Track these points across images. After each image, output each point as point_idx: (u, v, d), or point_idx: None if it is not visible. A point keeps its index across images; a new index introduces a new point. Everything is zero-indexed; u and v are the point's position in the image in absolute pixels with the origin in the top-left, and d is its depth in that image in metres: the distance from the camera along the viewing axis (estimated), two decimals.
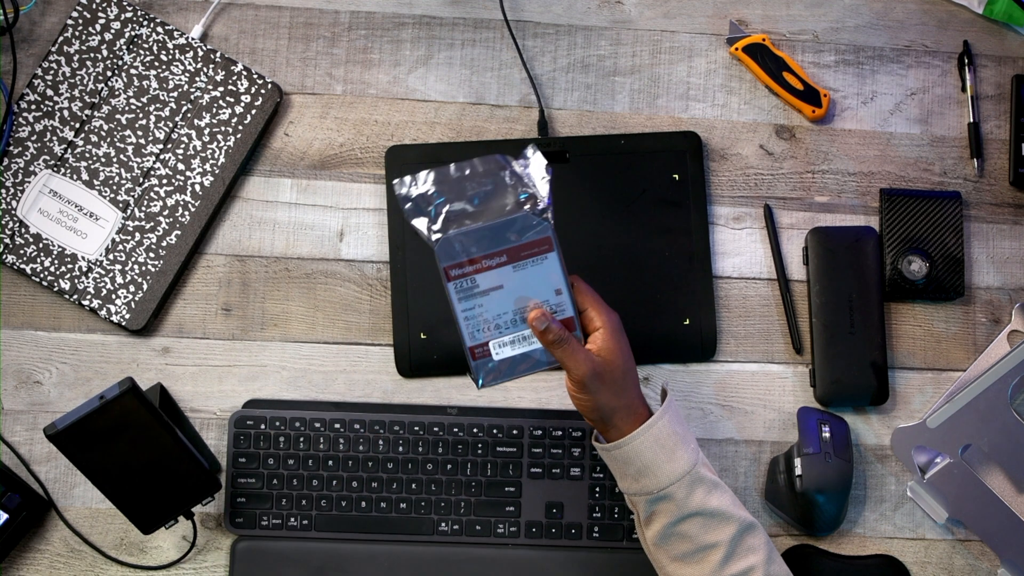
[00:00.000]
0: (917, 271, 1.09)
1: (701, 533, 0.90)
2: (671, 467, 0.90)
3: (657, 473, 0.90)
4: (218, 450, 1.06)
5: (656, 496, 0.90)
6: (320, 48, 1.13)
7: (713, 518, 0.90)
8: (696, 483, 0.90)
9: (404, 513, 1.05)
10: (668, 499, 0.90)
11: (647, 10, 1.15)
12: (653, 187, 1.10)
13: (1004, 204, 1.14)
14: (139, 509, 0.97)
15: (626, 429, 0.91)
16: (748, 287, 1.11)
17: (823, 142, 1.13)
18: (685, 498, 0.90)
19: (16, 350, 1.08)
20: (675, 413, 0.93)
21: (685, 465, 0.90)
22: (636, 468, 0.91)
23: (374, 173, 1.11)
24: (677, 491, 0.90)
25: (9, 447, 1.06)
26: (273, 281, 1.09)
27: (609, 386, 0.90)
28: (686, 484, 0.90)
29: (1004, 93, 1.15)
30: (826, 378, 1.08)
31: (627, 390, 0.91)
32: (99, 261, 1.07)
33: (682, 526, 0.90)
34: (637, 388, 0.93)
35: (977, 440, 1.02)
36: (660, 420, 0.91)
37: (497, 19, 1.14)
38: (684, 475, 0.90)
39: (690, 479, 0.90)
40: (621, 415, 0.91)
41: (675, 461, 0.90)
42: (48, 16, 1.12)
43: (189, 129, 1.09)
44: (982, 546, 1.07)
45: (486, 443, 1.06)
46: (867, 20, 1.16)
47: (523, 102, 1.13)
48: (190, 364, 1.08)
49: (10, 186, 1.08)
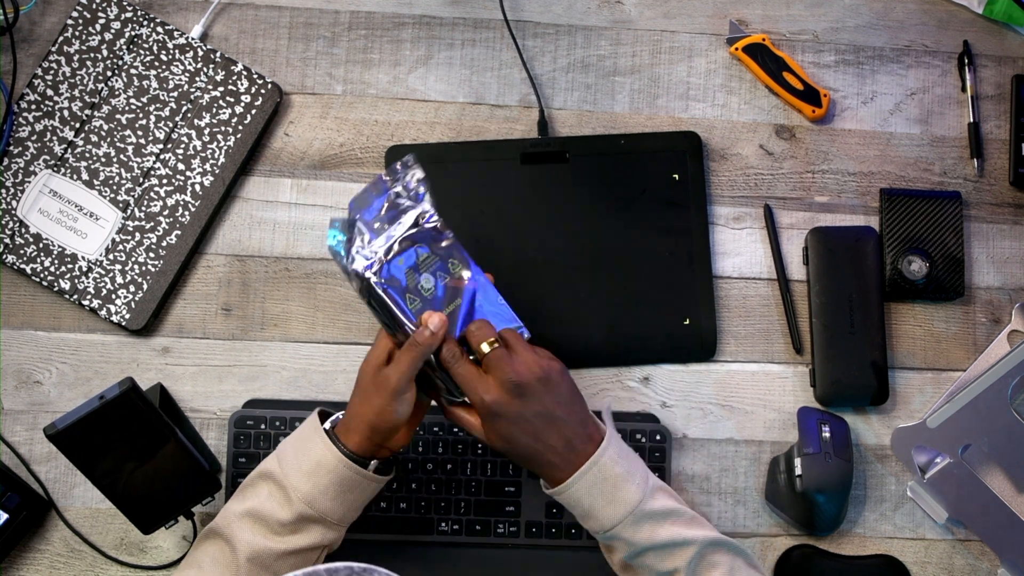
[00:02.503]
0: (917, 271, 1.09)
1: (658, 562, 0.89)
2: (611, 510, 0.89)
3: (599, 516, 0.89)
4: (218, 450, 1.06)
5: (604, 534, 0.90)
6: (320, 48, 1.13)
7: (666, 548, 0.89)
8: (641, 520, 0.89)
9: (404, 513, 1.05)
10: (616, 538, 0.90)
11: (647, 10, 1.15)
12: (653, 187, 1.10)
13: (1004, 204, 1.14)
14: (139, 509, 0.97)
15: (561, 477, 0.89)
16: (748, 287, 1.11)
17: (823, 142, 1.14)
18: (632, 536, 0.89)
19: (16, 350, 1.08)
20: (614, 453, 0.90)
21: (627, 506, 0.89)
22: (580, 511, 0.90)
23: (374, 173, 1.11)
24: (623, 531, 0.89)
25: (9, 447, 1.06)
26: (273, 281, 1.09)
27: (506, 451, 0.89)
28: (630, 523, 0.89)
29: (1004, 93, 1.15)
30: (826, 378, 1.08)
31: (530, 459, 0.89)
32: (99, 261, 1.07)
33: (638, 559, 0.90)
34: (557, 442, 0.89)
35: (977, 440, 1.02)
36: (594, 467, 0.89)
37: (497, 19, 1.14)
38: (627, 515, 0.88)
39: (633, 518, 0.89)
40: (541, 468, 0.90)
41: (615, 503, 0.89)
42: (48, 16, 1.12)
43: (189, 129, 1.09)
44: (982, 546, 1.07)
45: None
46: (867, 20, 1.16)
47: (523, 102, 1.13)
48: (190, 364, 1.08)
49: (10, 186, 1.08)
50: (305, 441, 0.90)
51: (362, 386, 0.90)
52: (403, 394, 0.88)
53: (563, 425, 0.89)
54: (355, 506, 0.91)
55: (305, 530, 0.89)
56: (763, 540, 1.07)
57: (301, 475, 0.89)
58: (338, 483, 0.89)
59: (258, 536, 0.88)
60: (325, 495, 0.89)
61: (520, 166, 1.10)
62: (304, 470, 0.89)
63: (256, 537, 0.88)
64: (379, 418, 0.88)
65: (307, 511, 0.88)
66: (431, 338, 0.88)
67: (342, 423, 0.91)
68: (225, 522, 0.90)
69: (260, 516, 0.89)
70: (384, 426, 0.89)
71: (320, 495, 0.88)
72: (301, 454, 0.90)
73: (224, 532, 0.90)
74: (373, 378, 0.89)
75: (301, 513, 0.88)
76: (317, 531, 0.89)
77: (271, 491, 0.90)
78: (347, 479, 0.89)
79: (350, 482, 0.89)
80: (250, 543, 0.88)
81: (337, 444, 0.89)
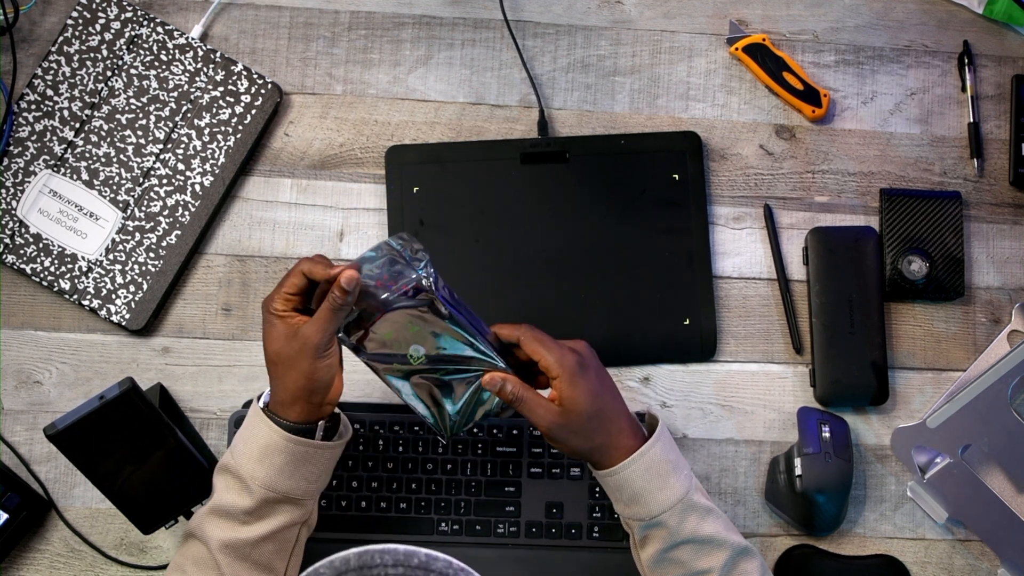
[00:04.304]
0: (917, 271, 1.09)
1: (693, 559, 0.90)
2: (663, 495, 0.90)
3: (648, 501, 0.90)
4: (218, 450, 1.06)
5: (648, 523, 0.90)
6: (320, 48, 1.13)
7: (705, 545, 0.90)
8: (688, 510, 0.90)
9: (404, 513, 1.05)
10: (660, 526, 0.90)
11: (647, 10, 1.15)
12: (653, 187, 1.10)
13: (1004, 204, 1.14)
14: (139, 509, 0.97)
15: (616, 457, 0.90)
16: (748, 287, 1.11)
17: (823, 142, 1.14)
18: (677, 525, 0.90)
19: (16, 350, 1.08)
20: (667, 440, 0.92)
21: (678, 492, 0.90)
22: (628, 495, 0.90)
23: (374, 173, 1.11)
24: (669, 519, 0.90)
25: (9, 447, 1.06)
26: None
27: (578, 432, 0.90)
28: (678, 511, 0.90)
29: (1004, 93, 1.15)
30: (826, 378, 1.08)
31: (599, 431, 0.90)
32: (99, 261, 1.07)
33: (675, 552, 0.90)
34: (619, 420, 0.91)
35: (977, 440, 1.02)
36: (652, 448, 0.90)
37: (497, 19, 1.14)
38: (676, 503, 0.90)
39: (682, 506, 0.90)
40: (602, 452, 0.90)
41: (667, 489, 0.90)
42: (48, 16, 1.12)
43: (189, 129, 1.09)
44: (982, 546, 1.07)
45: (486, 443, 1.06)
46: (867, 20, 1.16)
47: (523, 102, 1.13)
48: (190, 364, 1.08)
49: (10, 186, 1.08)
50: (250, 428, 0.90)
51: (281, 358, 0.89)
52: (328, 348, 0.88)
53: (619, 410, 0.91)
54: (316, 477, 0.91)
55: (273, 513, 0.89)
56: (763, 540, 1.07)
57: (253, 462, 0.88)
58: (291, 460, 0.88)
59: (227, 530, 0.88)
60: (282, 475, 0.88)
61: (520, 166, 1.10)
62: (254, 456, 0.88)
63: (225, 532, 0.88)
64: (310, 380, 0.88)
65: (269, 495, 0.88)
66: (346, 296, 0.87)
67: (275, 400, 0.90)
68: (197, 522, 0.91)
69: (223, 510, 0.89)
70: (320, 386, 0.89)
71: (277, 476, 0.88)
72: (249, 441, 0.89)
73: (196, 532, 0.90)
74: (289, 343, 0.88)
75: (263, 498, 0.88)
76: (285, 510, 0.89)
77: (228, 483, 0.90)
78: (299, 454, 0.89)
79: (303, 455, 0.89)
80: (220, 538, 0.88)
81: (277, 421, 0.89)
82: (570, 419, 0.89)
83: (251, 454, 0.89)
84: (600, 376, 0.92)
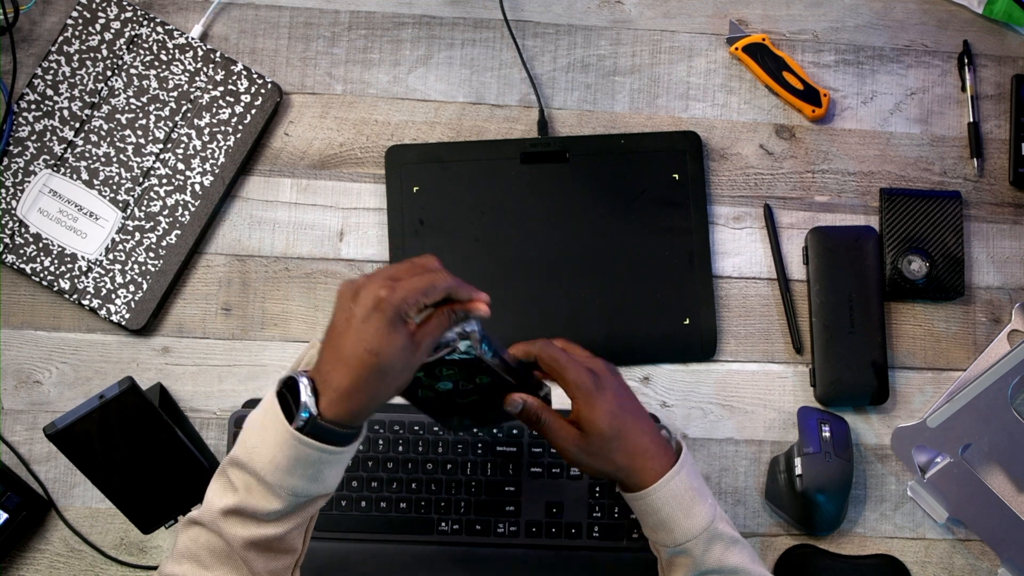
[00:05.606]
0: (917, 271, 1.09)
1: None
2: (688, 523, 0.88)
3: (674, 528, 0.89)
4: (218, 450, 1.06)
5: (673, 549, 0.89)
6: (320, 48, 1.13)
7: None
8: (714, 540, 0.89)
9: (404, 513, 1.05)
10: (686, 554, 0.89)
11: (647, 10, 1.15)
12: (653, 187, 1.10)
13: (1004, 204, 1.14)
14: (139, 509, 0.98)
15: (643, 480, 0.89)
16: (748, 287, 1.11)
17: (823, 142, 1.14)
18: (702, 554, 0.88)
19: (16, 350, 1.08)
20: (691, 468, 0.91)
21: (703, 522, 0.89)
22: (654, 521, 0.89)
23: (374, 173, 1.11)
24: (694, 547, 0.88)
25: (9, 447, 1.06)
26: (273, 281, 1.09)
27: (598, 455, 0.89)
28: (703, 541, 0.88)
29: (1004, 93, 1.15)
30: (826, 378, 1.08)
31: (620, 452, 0.89)
32: (99, 261, 1.07)
33: None
34: (642, 441, 0.89)
35: (977, 440, 1.02)
36: (677, 476, 0.89)
37: (497, 19, 1.14)
38: (702, 532, 0.88)
39: (707, 536, 0.88)
40: (627, 474, 0.89)
41: (692, 518, 0.89)
42: (48, 16, 1.12)
43: (189, 129, 1.09)
44: (982, 546, 1.07)
45: (486, 443, 1.05)
46: (867, 20, 1.16)
47: (523, 102, 1.13)
48: (190, 364, 1.08)
49: (10, 186, 1.08)
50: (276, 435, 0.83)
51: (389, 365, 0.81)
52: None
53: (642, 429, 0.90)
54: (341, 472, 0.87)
55: (302, 509, 0.85)
56: (763, 540, 1.07)
57: (282, 473, 0.82)
58: (321, 468, 0.83)
59: (252, 529, 0.83)
60: (314, 481, 0.83)
61: (520, 166, 1.10)
62: (284, 467, 0.82)
63: (250, 531, 0.83)
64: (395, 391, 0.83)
65: (298, 500, 0.84)
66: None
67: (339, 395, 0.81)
68: (211, 517, 0.84)
69: (247, 512, 0.83)
70: (389, 396, 0.83)
71: (309, 483, 0.83)
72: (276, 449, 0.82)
73: (212, 527, 0.84)
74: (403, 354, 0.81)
75: (292, 502, 0.83)
76: (314, 504, 0.86)
77: (249, 485, 0.83)
78: (330, 460, 0.83)
79: (331, 460, 0.83)
80: (245, 537, 0.82)
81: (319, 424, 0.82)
82: (589, 441, 0.88)
83: (278, 464, 0.82)
84: (619, 395, 0.90)
